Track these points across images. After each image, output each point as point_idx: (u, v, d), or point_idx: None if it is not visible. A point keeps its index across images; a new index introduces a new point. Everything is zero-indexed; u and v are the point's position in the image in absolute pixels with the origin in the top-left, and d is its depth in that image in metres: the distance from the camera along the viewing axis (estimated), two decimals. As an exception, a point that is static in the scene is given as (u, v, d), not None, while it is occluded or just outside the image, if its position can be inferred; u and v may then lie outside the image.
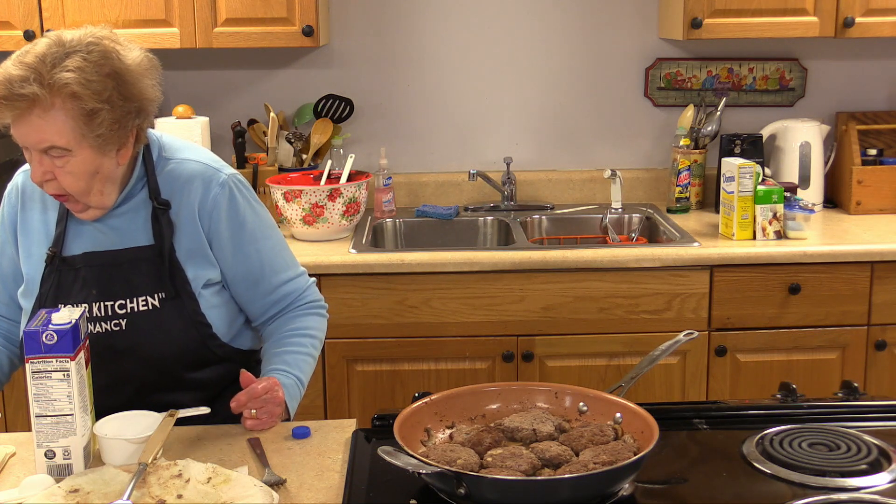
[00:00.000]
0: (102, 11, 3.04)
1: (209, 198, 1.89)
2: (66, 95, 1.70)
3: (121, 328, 1.87)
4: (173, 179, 1.90)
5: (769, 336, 2.96)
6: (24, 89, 1.68)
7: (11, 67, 1.71)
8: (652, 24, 3.46)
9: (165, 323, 1.88)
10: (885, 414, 1.80)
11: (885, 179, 3.31)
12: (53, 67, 1.70)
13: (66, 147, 1.73)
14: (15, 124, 1.73)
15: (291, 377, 1.88)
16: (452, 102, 3.51)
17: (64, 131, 1.72)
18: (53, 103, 1.70)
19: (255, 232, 1.93)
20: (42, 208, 1.92)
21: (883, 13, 3.13)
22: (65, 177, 1.77)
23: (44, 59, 1.70)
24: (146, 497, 1.51)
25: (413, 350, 2.93)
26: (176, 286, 1.87)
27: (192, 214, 1.89)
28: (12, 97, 1.69)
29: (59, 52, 1.72)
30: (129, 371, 1.89)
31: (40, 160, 1.75)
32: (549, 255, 2.90)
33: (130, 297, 1.87)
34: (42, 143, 1.73)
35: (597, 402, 1.70)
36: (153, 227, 1.87)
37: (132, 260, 1.87)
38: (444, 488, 1.46)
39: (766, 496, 1.54)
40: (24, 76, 1.69)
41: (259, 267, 1.94)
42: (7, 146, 3.00)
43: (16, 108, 1.70)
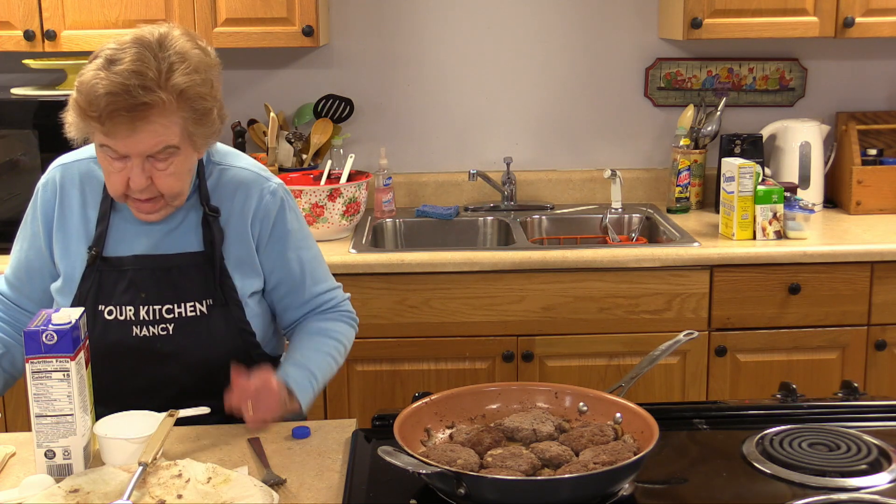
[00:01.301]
0: (102, 11, 3.04)
1: (261, 206, 1.91)
2: (186, 98, 1.71)
3: (167, 332, 1.86)
4: (223, 186, 1.90)
5: (769, 336, 2.96)
6: (146, 97, 1.67)
7: (117, 77, 1.67)
8: (652, 24, 3.46)
9: (212, 329, 1.88)
10: (885, 414, 1.80)
11: (885, 179, 3.31)
12: (169, 71, 1.70)
13: (178, 146, 1.74)
14: (128, 136, 1.69)
15: (304, 371, 1.85)
16: (452, 102, 3.51)
17: (177, 133, 1.73)
18: (172, 107, 1.70)
19: (299, 241, 1.95)
20: (81, 204, 1.90)
21: (883, 13, 3.13)
22: (166, 179, 1.76)
23: (149, 63, 1.69)
24: (146, 497, 1.51)
25: (413, 350, 2.93)
26: (224, 293, 1.88)
27: (243, 223, 1.89)
28: (134, 107, 1.67)
29: (160, 55, 1.71)
30: (170, 375, 1.88)
31: (143, 167, 1.74)
32: (549, 255, 2.90)
33: (179, 303, 1.86)
34: (157, 147, 1.72)
35: (597, 402, 1.70)
36: (203, 233, 1.87)
37: (182, 265, 1.86)
38: (444, 488, 1.46)
39: (766, 496, 1.54)
40: (142, 84, 1.67)
41: (300, 274, 1.95)
42: (7, 146, 3.00)
43: (136, 118, 1.68)
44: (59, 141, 2.90)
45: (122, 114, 1.67)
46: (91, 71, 1.71)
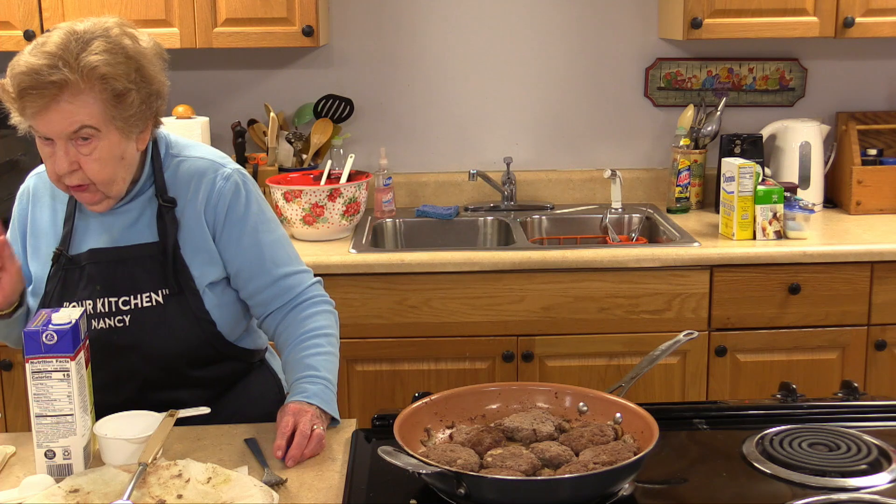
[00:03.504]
0: (102, 11, 3.03)
1: (214, 191, 1.90)
2: (96, 78, 1.72)
3: (124, 324, 1.87)
4: (179, 177, 1.91)
5: (769, 336, 2.96)
6: (52, 76, 1.69)
7: (32, 58, 1.71)
8: (652, 24, 3.46)
9: (169, 319, 1.88)
10: (885, 414, 1.80)
11: (885, 179, 3.31)
12: (80, 52, 1.72)
13: (97, 127, 1.75)
14: (41, 114, 1.73)
15: (320, 383, 1.84)
16: (452, 102, 3.51)
17: (93, 114, 1.74)
18: (83, 87, 1.72)
19: (257, 225, 1.93)
20: (52, 209, 1.93)
21: (883, 13, 3.13)
22: (92, 164, 1.77)
23: (66, 46, 1.72)
24: (146, 497, 1.51)
25: (413, 350, 2.93)
26: (180, 283, 1.88)
27: (197, 211, 1.89)
28: (41, 85, 1.70)
29: (80, 39, 1.74)
30: (132, 368, 1.89)
31: (66, 150, 1.76)
32: (549, 255, 2.90)
33: (134, 294, 1.87)
34: (72, 126, 1.73)
35: (597, 402, 1.70)
36: (157, 224, 1.88)
37: (137, 257, 1.87)
38: (444, 488, 1.46)
39: (766, 496, 1.54)
40: (50, 63, 1.70)
41: (259, 258, 1.93)
42: (7, 146, 3.00)
43: (44, 95, 1.70)
44: (59, 141, 2.91)
45: (31, 91, 1.70)
46: (21, 54, 1.75)
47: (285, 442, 1.70)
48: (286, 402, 1.81)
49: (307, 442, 1.70)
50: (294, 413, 1.75)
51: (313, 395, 1.81)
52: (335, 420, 1.83)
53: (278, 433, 1.72)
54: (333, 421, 1.83)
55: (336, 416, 1.83)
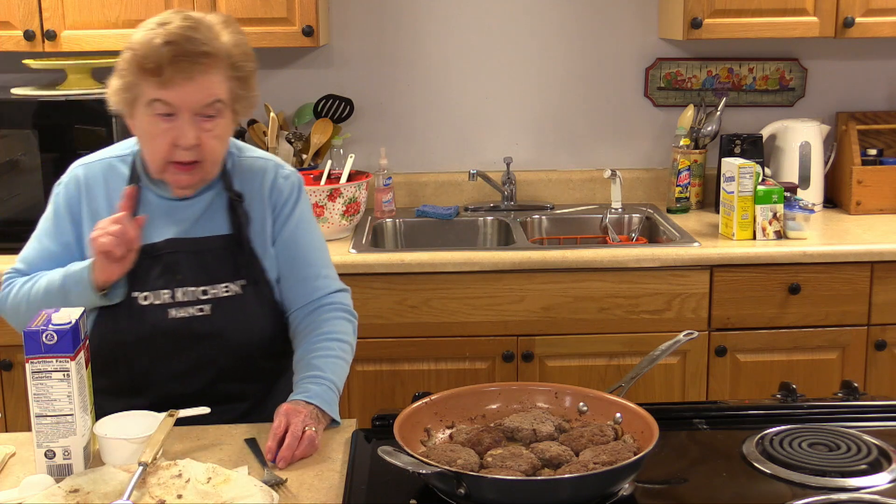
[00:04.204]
0: (102, 11, 3.04)
1: (275, 189, 1.98)
2: (236, 55, 1.82)
3: (204, 313, 1.90)
4: (241, 173, 1.98)
5: (769, 336, 2.96)
6: (204, 46, 1.77)
7: (175, 31, 1.76)
8: (652, 25, 3.46)
9: (248, 309, 1.93)
10: (885, 414, 1.80)
11: (885, 179, 3.31)
12: (220, 31, 1.81)
13: (226, 103, 1.83)
14: (184, 83, 1.77)
15: (323, 383, 1.85)
16: (452, 102, 3.51)
17: (225, 89, 1.82)
18: (223, 63, 1.81)
19: (299, 224, 2.00)
20: (107, 199, 1.93)
21: (883, 13, 3.13)
22: (212, 141, 1.84)
23: (201, 23, 1.80)
24: (146, 497, 1.51)
25: (413, 350, 2.93)
26: (255, 274, 1.94)
27: (263, 207, 1.96)
28: (193, 54, 1.76)
29: (210, 20, 1.82)
30: (209, 358, 1.92)
31: (192, 123, 1.80)
32: (549, 255, 2.90)
33: (213, 284, 1.91)
34: (209, 98, 1.80)
35: (597, 402, 1.70)
36: (230, 217, 1.94)
37: (213, 248, 1.92)
38: (444, 488, 1.46)
39: (766, 496, 1.54)
40: (200, 36, 1.77)
41: (293, 255, 1.98)
42: (7, 146, 3.00)
43: (195, 63, 1.76)
44: (59, 141, 2.92)
45: (182, 60, 1.76)
46: (142, 32, 1.79)
47: (276, 444, 1.70)
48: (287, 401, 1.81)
49: (298, 443, 1.69)
50: (287, 413, 1.75)
51: (314, 395, 1.82)
52: (335, 422, 1.83)
53: (270, 434, 1.72)
54: (333, 422, 1.83)
55: (336, 418, 1.83)
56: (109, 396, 1.89)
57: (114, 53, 3.12)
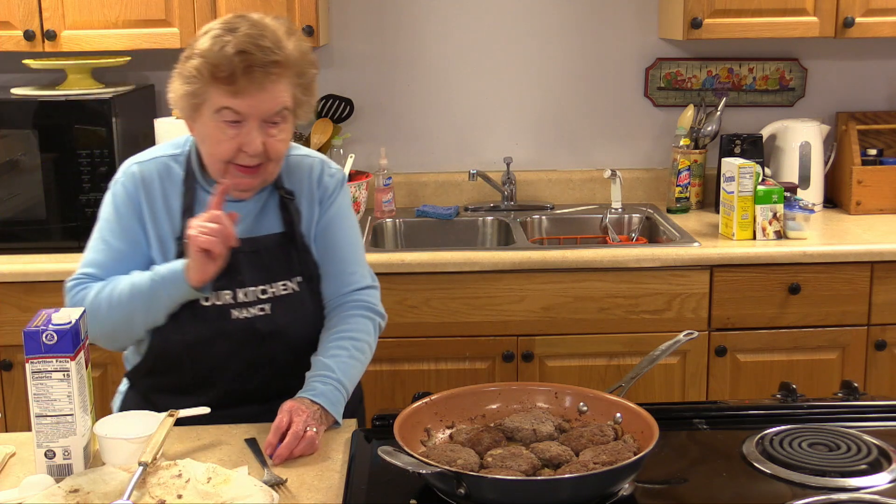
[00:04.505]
0: (102, 11, 3.04)
1: (321, 185, 2.01)
2: (304, 63, 1.85)
3: (265, 312, 1.92)
4: (292, 171, 2.00)
5: (769, 336, 2.96)
6: (275, 56, 1.78)
7: (246, 38, 1.77)
8: (652, 24, 3.46)
9: (305, 305, 1.96)
10: (885, 414, 1.81)
11: (885, 179, 3.31)
12: (288, 36, 1.82)
13: (291, 109, 1.85)
14: (255, 92, 1.79)
15: (331, 383, 1.85)
16: (452, 102, 3.51)
17: (291, 96, 1.84)
18: (291, 71, 1.82)
19: (338, 220, 2.02)
20: (164, 198, 1.93)
21: (883, 13, 3.13)
22: (278, 145, 1.86)
23: (268, 30, 1.80)
24: (146, 497, 1.51)
25: (413, 350, 2.93)
26: (309, 270, 1.96)
27: (311, 204, 1.99)
28: (265, 63, 1.77)
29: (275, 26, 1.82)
30: (269, 355, 1.93)
31: (259, 129, 1.82)
32: (549, 255, 2.90)
33: (271, 282, 1.93)
34: (277, 106, 1.82)
35: (597, 402, 1.70)
36: (282, 215, 1.96)
37: (269, 247, 1.94)
38: (444, 488, 1.46)
39: (766, 496, 1.54)
40: (271, 45, 1.78)
41: (328, 250, 2.00)
42: (7, 146, 3.00)
43: (268, 73, 1.78)
44: (59, 141, 2.92)
45: (255, 70, 1.77)
46: (210, 40, 1.79)
47: (276, 439, 1.70)
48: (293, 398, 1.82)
49: (298, 442, 1.70)
50: (290, 411, 1.75)
51: (320, 394, 1.82)
52: (336, 422, 1.83)
53: (272, 429, 1.72)
54: (335, 423, 1.83)
55: (339, 420, 1.83)
56: (169, 395, 1.91)
57: (114, 53, 3.16)
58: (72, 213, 2.95)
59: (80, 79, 3.15)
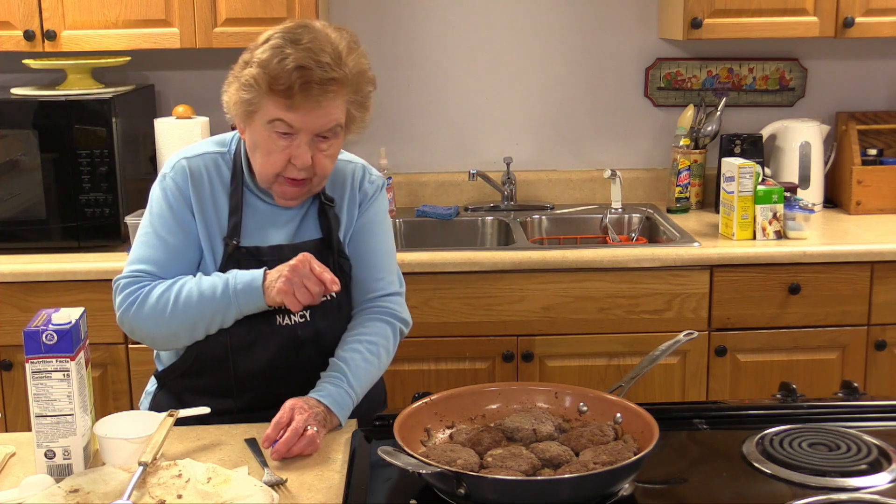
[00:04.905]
0: (102, 11, 3.04)
1: (361, 190, 2.03)
2: (362, 81, 1.84)
3: (305, 319, 1.93)
4: (334, 177, 2.00)
5: (769, 336, 2.96)
6: (334, 73, 1.78)
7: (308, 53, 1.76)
8: (652, 24, 3.46)
9: (342, 311, 1.98)
10: (885, 414, 1.81)
11: (885, 179, 3.31)
12: (349, 52, 1.81)
13: (344, 125, 1.86)
14: (311, 109, 1.79)
15: (342, 385, 1.85)
16: (452, 102, 3.51)
17: (345, 113, 1.85)
18: (348, 88, 1.82)
19: (372, 227, 2.03)
20: (212, 196, 1.93)
21: (883, 13, 3.13)
22: (325, 160, 1.87)
23: (330, 44, 1.79)
24: (146, 497, 1.51)
25: (413, 350, 2.93)
26: (346, 277, 1.98)
27: (352, 209, 2.00)
28: (324, 81, 1.77)
29: (337, 39, 1.81)
30: (305, 360, 1.94)
31: (310, 144, 1.83)
32: (549, 255, 2.90)
33: None
34: (330, 123, 1.83)
35: (597, 402, 1.70)
36: (321, 221, 1.97)
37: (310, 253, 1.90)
38: (444, 488, 1.46)
39: (766, 496, 1.54)
40: (332, 62, 1.78)
41: (360, 255, 2.01)
42: (7, 146, 3.00)
43: (325, 91, 1.78)
44: (59, 141, 2.92)
45: (313, 87, 1.76)
46: (270, 50, 1.79)
47: (275, 434, 1.70)
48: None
49: (297, 439, 1.69)
50: (293, 408, 1.75)
51: (328, 395, 1.82)
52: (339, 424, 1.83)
53: (272, 423, 1.72)
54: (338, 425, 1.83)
55: (342, 423, 1.83)
56: (204, 397, 1.90)
57: (114, 53, 3.15)
58: (72, 213, 2.95)
59: (80, 79, 3.15)
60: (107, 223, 2.96)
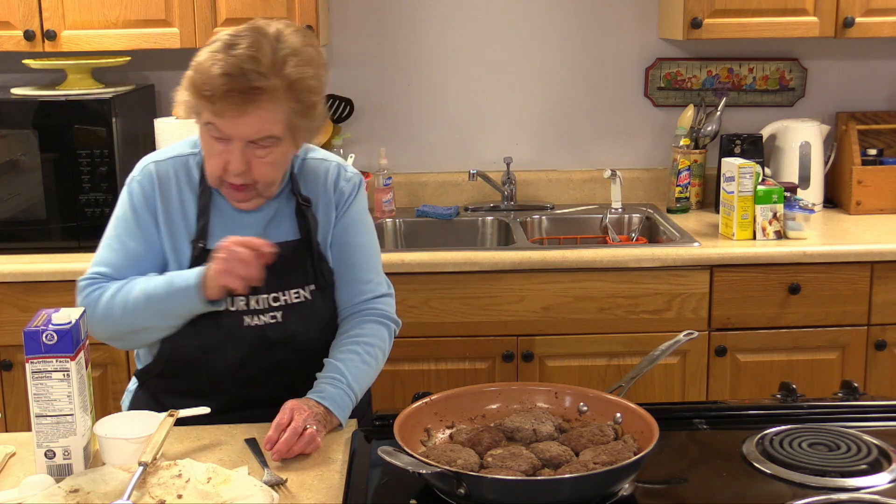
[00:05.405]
0: (102, 11, 3.04)
1: (338, 188, 1.99)
2: (298, 89, 1.78)
3: (277, 320, 1.92)
4: (308, 176, 1.98)
5: (769, 336, 2.96)
6: (259, 81, 1.73)
7: (234, 59, 1.73)
8: (652, 24, 3.46)
9: (318, 313, 1.95)
10: (885, 414, 1.81)
11: (885, 179, 3.31)
12: (284, 61, 1.76)
13: (280, 137, 1.80)
14: (236, 117, 1.76)
15: (341, 386, 1.85)
16: (452, 102, 3.51)
17: (281, 122, 1.79)
18: (281, 96, 1.77)
19: (353, 226, 2.00)
20: (179, 199, 1.93)
21: (883, 13, 3.13)
22: (262, 167, 1.82)
23: (265, 51, 1.75)
24: (146, 497, 1.51)
25: (413, 350, 2.93)
26: (325, 277, 1.95)
27: (327, 209, 1.97)
28: (246, 89, 1.73)
29: (276, 46, 1.77)
30: (279, 362, 1.93)
31: (243, 151, 1.80)
32: (549, 255, 2.90)
33: (284, 290, 1.92)
34: (260, 134, 1.78)
35: (597, 402, 1.70)
36: (299, 222, 1.94)
37: (284, 254, 1.90)
38: (444, 488, 1.46)
39: (766, 496, 1.54)
40: (257, 69, 1.73)
41: (343, 257, 1.99)
42: (7, 146, 3.00)
43: (247, 100, 1.74)
44: (59, 141, 2.92)
45: (234, 95, 1.73)
46: (207, 52, 1.78)
47: (277, 435, 1.70)
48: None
49: (296, 439, 1.69)
50: (292, 408, 1.75)
51: (328, 396, 1.82)
52: (340, 425, 1.83)
53: (272, 425, 1.72)
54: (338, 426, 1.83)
55: (343, 423, 1.83)
56: (180, 397, 1.90)
57: (114, 53, 3.15)
58: (72, 213, 2.95)
59: (80, 79, 3.15)
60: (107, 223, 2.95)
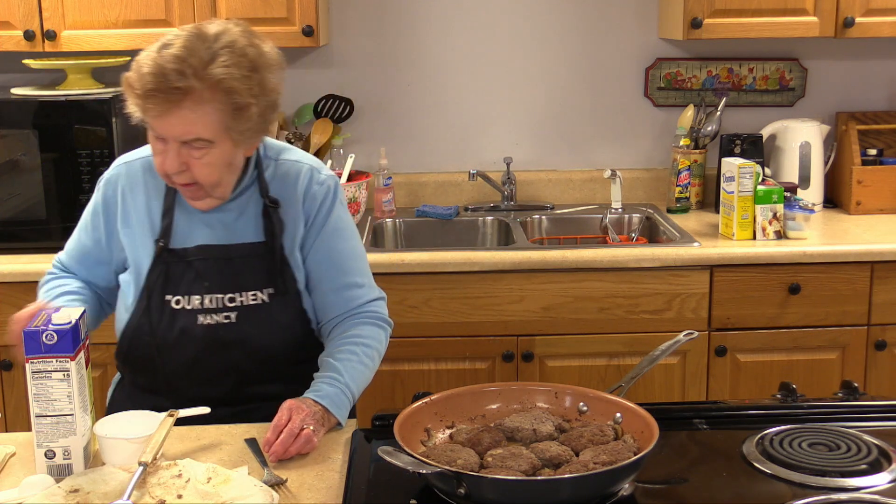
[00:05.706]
0: (102, 11, 3.04)
1: (309, 194, 1.95)
2: (222, 90, 1.75)
3: (230, 321, 1.92)
4: (278, 178, 1.96)
5: (769, 336, 2.96)
6: (179, 82, 1.72)
7: (161, 59, 1.73)
8: (652, 24, 3.46)
9: (274, 317, 1.93)
10: (885, 414, 1.81)
11: (885, 179, 3.31)
12: (210, 62, 1.74)
13: (211, 139, 1.78)
14: (161, 116, 1.75)
15: (338, 386, 1.85)
16: (452, 102, 3.51)
17: (211, 124, 1.76)
18: (207, 97, 1.74)
19: (335, 231, 1.98)
20: (146, 199, 1.95)
21: (883, 13, 3.13)
22: (201, 168, 1.81)
23: (194, 51, 1.74)
24: (146, 497, 1.51)
25: (413, 350, 2.93)
26: (286, 283, 1.93)
27: (296, 213, 1.94)
28: (166, 89, 1.72)
29: (209, 47, 1.75)
30: (233, 363, 1.93)
31: (178, 151, 1.79)
32: (549, 255, 2.90)
33: (240, 292, 1.92)
34: (188, 136, 1.77)
35: (597, 402, 1.70)
36: (264, 224, 1.93)
37: (244, 255, 1.91)
38: (444, 488, 1.46)
39: (766, 496, 1.54)
40: (178, 69, 1.72)
41: (329, 264, 1.97)
42: (7, 146, 3.00)
43: (168, 100, 1.73)
44: (59, 141, 2.92)
45: (157, 94, 1.72)
46: (146, 51, 1.77)
47: (275, 436, 1.70)
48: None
49: (293, 440, 1.69)
50: (290, 408, 1.75)
51: (326, 395, 1.82)
52: (339, 424, 1.83)
53: (270, 427, 1.72)
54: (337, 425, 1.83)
55: (341, 422, 1.83)
56: (142, 394, 1.93)
57: (114, 53, 3.15)
58: (72, 213, 2.95)
59: (80, 79, 3.15)
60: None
